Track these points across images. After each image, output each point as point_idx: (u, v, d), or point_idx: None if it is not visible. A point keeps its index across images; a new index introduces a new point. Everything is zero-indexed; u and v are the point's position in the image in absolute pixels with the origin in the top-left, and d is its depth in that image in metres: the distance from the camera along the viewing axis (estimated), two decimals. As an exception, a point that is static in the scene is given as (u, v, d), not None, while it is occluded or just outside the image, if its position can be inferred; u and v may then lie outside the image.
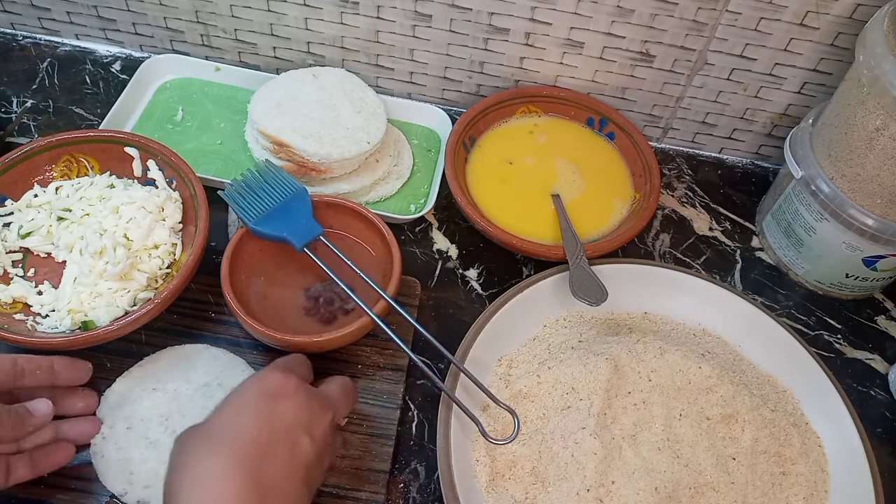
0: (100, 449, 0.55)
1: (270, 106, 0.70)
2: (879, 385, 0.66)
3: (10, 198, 0.63)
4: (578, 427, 0.56)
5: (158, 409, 0.57)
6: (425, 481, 0.58)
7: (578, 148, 0.75)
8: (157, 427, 0.56)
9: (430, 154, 0.76)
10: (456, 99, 0.81)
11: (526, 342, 0.63)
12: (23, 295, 0.59)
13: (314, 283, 0.63)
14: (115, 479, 0.54)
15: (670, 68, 0.74)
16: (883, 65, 0.56)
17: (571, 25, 0.71)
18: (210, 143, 0.74)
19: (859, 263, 0.66)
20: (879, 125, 0.59)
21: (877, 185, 0.61)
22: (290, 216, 0.61)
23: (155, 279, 0.60)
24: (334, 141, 0.68)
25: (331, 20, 0.75)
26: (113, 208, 0.62)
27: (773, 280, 0.72)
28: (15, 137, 0.74)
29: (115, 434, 0.56)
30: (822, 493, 0.58)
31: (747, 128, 0.78)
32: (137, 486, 0.54)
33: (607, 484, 0.54)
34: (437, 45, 0.75)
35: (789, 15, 0.67)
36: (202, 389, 0.58)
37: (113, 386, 0.58)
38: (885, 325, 0.70)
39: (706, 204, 0.77)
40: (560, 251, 0.65)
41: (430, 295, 0.68)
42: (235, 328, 0.62)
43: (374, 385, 0.60)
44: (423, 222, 0.72)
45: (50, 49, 0.82)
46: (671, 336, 0.64)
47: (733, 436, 0.58)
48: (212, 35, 0.79)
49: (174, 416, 0.56)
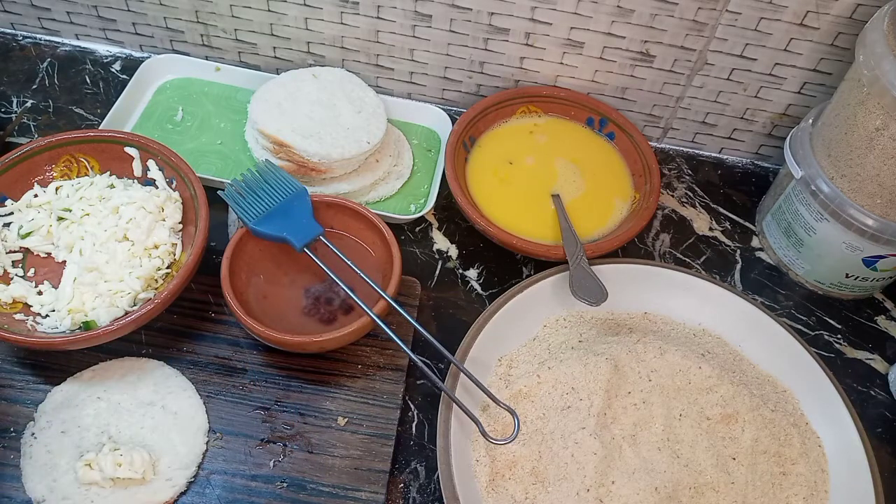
0: (29, 449, 0.55)
1: (270, 106, 0.70)
2: (879, 385, 0.66)
3: (10, 198, 0.63)
4: (578, 427, 0.56)
5: (98, 419, 0.56)
6: (425, 481, 0.58)
7: (578, 148, 0.75)
8: (92, 438, 0.55)
9: (430, 154, 0.76)
10: (456, 99, 0.81)
11: (526, 342, 0.63)
12: (23, 295, 0.59)
13: (314, 283, 0.63)
14: (37, 483, 0.53)
15: (670, 68, 0.74)
16: (883, 65, 0.56)
17: (571, 25, 0.71)
18: (210, 143, 0.74)
19: (859, 263, 0.66)
20: (879, 125, 0.59)
21: (877, 185, 0.61)
22: (290, 216, 0.62)
23: (155, 279, 0.60)
24: (334, 141, 0.68)
25: (331, 20, 0.75)
26: (113, 208, 0.62)
27: (773, 280, 0.72)
28: (15, 137, 0.74)
29: (48, 435, 0.55)
30: (822, 493, 0.58)
31: (747, 128, 0.78)
32: (57, 496, 0.53)
33: (607, 484, 0.54)
34: (437, 45, 0.75)
35: (789, 15, 0.67)
36: (144, 408, 0.57)
37: (62, 385, 0.58)
38: (885, 325, 0.70)
39: (706, 204, 0.77)
40: (560, 251, 0.65)
41: (430, 295, 0.68)
42: (235, 328, 0.62)
43: (374, 385, 0.60)
44: (423, 222, 0.72)
45: (50, 49, 0.82)
46: (671, 336, 0.64)
47: (733, 436, 0.58)
48: (212, 35, 0.79)
49: (110, 429, 0.56)
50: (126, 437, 0.56)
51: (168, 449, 0.55)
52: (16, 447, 0.55)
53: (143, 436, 0.56)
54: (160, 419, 0.57)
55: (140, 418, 0.57)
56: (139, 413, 0.57)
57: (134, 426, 0.56)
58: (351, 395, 0.60)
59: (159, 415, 0.57)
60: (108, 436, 0.55)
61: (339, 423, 0.58)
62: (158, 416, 0.57)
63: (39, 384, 0.58)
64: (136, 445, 0.55)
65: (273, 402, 0.59)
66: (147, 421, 0.56)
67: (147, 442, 0.55)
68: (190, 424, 0.57)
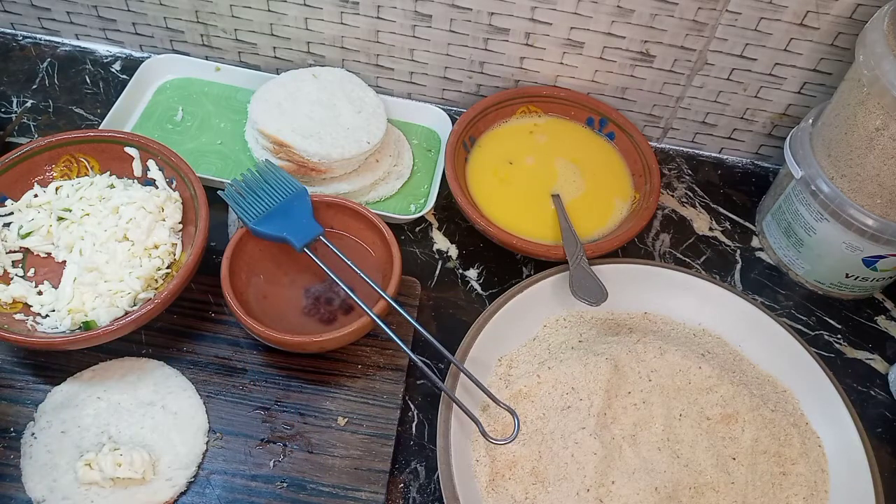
0: (29, 449, 0.55)
1: (270, 106, 0.70)
2: (879, 385, 0.66)
3: (10, 198, 0.63)
4: (578, 427, 0.56)
5: (98, 419, 0.56)
6: (425, 481, 0.58)
7: (578, 148, 0.75)
8: (92, 438, 0.55)
9: (430, 154, 0.76)
10: (456, 99, 0.81)
11: (526, 342, 0.63)
12: (23, 295, 0.59)
13: (314, 283, 0.63)
14: (37, 483, 0.53)
15: (670, 68, 0.74)
16: (883, 65, 0.56)
17: (571, 25, 0.71)
18: (210, 143, 0.74)
19: (859, 263, 0.66)
20: (879, 125, 0.59)
21: (877, 185, 0.61)
22: (290, 216, 0.62)
23: (155, 279, 0.60)
24: (334, 141, 0.68)
25: (331, 20, 0.75)
26: (113, 208, 0.62)
27: (773, 280, 0.72)
28: (15, 137, 0.74)
29: (48, 435, 0.55)
30: (822, 493, 0.58)
31: (747, 128, 0.78)
32: (57, 496, 0.53)
33: (607, 484, 0.54)
34: (437, 45, 0.75)
35: (789, 15, 0.67)
36: (144, 408, 0.57)
37: (62, 385, 0.58)
38: (885, 325, 0.70)
39: (706, 204, 0.77)
40: (560, 251, 0.65)
41: (430, 295, 0.68)
42: (235, 328, 0.62)
43: (374, 385, 0.60)
44: (423, 222, 0.72)
45: (50, 49, 0.82)
46: (671, 336, 0.64)
47: (733, 436, 0.58)
48: (212, 35, 0.79)
49: (110, 429, 0.56)
50: (126, 437, 0.55)
51: (168, 449, 0.55)
52: (16, 447, 0.55)
53: (143, 436, 0.56)
54: (160, 419, 0.57)
55: (140, 418, 0.57)
56: (139, 413, 0.57)
57: (134, 426, 0.56)
58: (351, 395, 0.60)
59: (159, 415, 0.57)
60: (108, 436, 0.55)
61: (339, 423, 0.58)
62: (158, 416, 0.57)
63: (39, 384, 0.58)
64: (136, 445, 0.55)
65: (273, 402, 0.59)
66: (147, 421, 0.56)
67: (147, 442, 0.55)
68: (190, 424, 0.57)
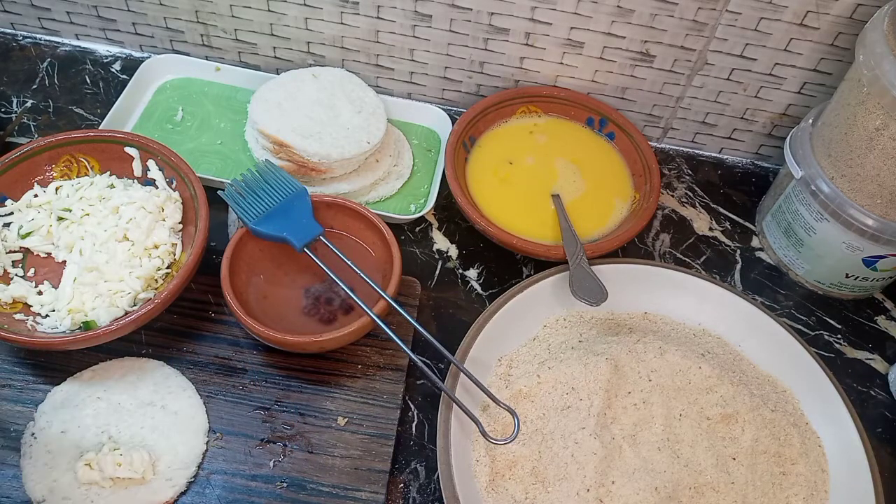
0: (29, 449, 0.55)
1: (270, 106, 0.70)
2: (879, 385, 0.66)
3: (10, 198, 0.63)
4: (578, 427, 0.56)
5: (98, 419, 0.56)
6: (425, 481, 0.58)
7: (578, 148, 0.75)
8: (92, 438, 0.55)
9: (430, 154, 0.76)
10: (456, 99, 0.81)
11: (526, 342, 0.63)
12: (23, 295, 0.59)
13: (314, 283, 0.63)
14: (37, 483, 0.53)
15: (670, 68, 0.74)
16: (883, 65, 0.56)
17: (571, 25, 0.71)
18: (210, 143, 0.74)
19: (859, 263, 0.66)
20: (879, 125, 0.59)
21: (877, 185, 0.61)
22: (290, 216, 0.62)
23: (155, 279, 0.60)
24: (334, 141, 0.68)
25: (331, 20, 0.75)
26: (113, 208, 0.62)
27: (773, 280, 0.72)
28: (15, 137, 0.74)
29: (48, 435, 0.55)
30: (822, 493, 0.58)
31: (747, 128, 0.78)
32: (57, 496, 0.53)
33: (607, 484, 0.54)
34: (437, 45, 0.75)
35: (789, 15, 0.67)
36: (144, 408, 0.57)
37: (62, 385, 0.58)
38: (885, 325, 0.70)
39: (706, 204, 0.77)
40: (560, 251, 0.65)
41: (430, 295, 0.68)
42: (235, 328, 0.62)
43: (374, 385, 0.60)
44: (423, 222, 0.72)
45: (50, 49, 0.82)
46: (671, 336, 0.64)
47: (733, 436, 0.58)
48: (212, 35, 0.79)
49: (110, 429, 0.56)
50: (126, 437, 0.55)
51: (168, 449, 0.55)
52: (16, 447, 0.55)
53: (143, 436, 0.56)
54: (160, 419, 0.57)
55: (140, 418, 0.57)
56: (139, 413, 0.57)
57: (134, 426, 0.56)
58: (351, 395, 0.60)
59: (159, 415, 0.57)
60: (108, 436, 0.55)
61: (339, 423, 0.58)
62: (158, 416, 0.57)
63: (39, 384, 0.58)
64: (136, 445, 0.55)
65: (273, 402, 0.59)
66: (147, 421, 0.56)
67: (147, 442, 0.55)
68: (190, 424, 0.57)
